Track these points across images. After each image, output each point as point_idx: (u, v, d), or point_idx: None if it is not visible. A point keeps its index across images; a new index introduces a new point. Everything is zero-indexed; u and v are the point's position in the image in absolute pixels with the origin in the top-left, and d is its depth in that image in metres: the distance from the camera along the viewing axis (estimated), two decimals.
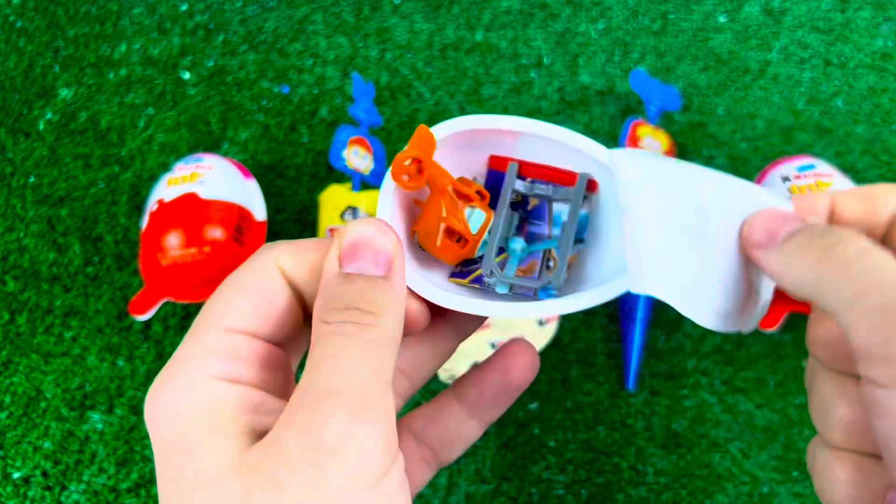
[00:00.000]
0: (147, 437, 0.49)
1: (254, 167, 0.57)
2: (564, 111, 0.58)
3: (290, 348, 0.24)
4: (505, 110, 0.59)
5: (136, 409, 0.50)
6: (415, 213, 0.29)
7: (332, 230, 0.51)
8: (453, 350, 0.28)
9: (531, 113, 0.58)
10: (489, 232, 0.28)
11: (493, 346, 0.48)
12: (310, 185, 0.57)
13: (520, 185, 0.28)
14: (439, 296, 0.25)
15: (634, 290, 0.23)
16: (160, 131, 0.60)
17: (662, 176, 0.24)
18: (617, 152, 0.25)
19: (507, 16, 0.63)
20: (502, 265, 0.28)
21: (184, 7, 0.65)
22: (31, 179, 0.59)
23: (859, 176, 0.55)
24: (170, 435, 0.20)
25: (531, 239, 0.29)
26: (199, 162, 0.52)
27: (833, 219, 0.24)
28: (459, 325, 0.27)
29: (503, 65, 0.61)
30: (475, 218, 0.28)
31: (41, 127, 0.61)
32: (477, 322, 0.28)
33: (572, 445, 0.49)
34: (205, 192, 0.50)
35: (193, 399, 0.20)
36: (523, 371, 0.27)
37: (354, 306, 0.21)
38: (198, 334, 0.21)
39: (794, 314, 0.49)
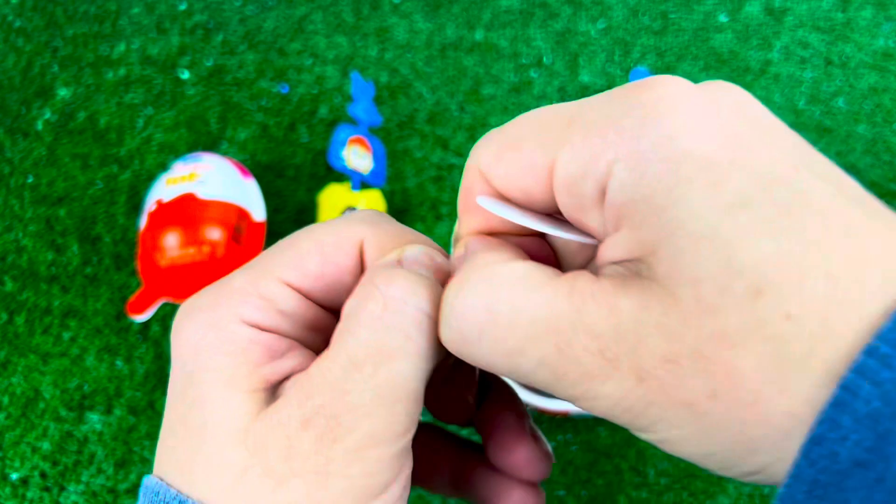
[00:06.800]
0: (146, 437, 0.49)
1: (253, 167, 0.57)
2: None
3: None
4: (505, 110, 0.58)
5: (135, 410, 0.50)
6: None
7: None
8: None
9: None
10: None
11: None
12: (309, 184, 0.57)
13: None
14: None
15: None
16: (159, 131, 0.59)
17: None
18: None
19: (508, 15, 0.63)
20: None
21: (182, 6, 0.65)
22: (30, 179, 0.59)
23: (861, 175, 0.55)
24: (186, 369, 0.20)
25: None
26: (197, 161, 0.52)
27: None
28: None
29: (503, 64, 0.60)
30: None
31: (39, 126, 0.61)
32: None
33: (573, 447, 0.49)
34: (203, 192, 0.49)
35: (217, 339, 0.19)
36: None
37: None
38: (254, 274, 0.20)
39: None
